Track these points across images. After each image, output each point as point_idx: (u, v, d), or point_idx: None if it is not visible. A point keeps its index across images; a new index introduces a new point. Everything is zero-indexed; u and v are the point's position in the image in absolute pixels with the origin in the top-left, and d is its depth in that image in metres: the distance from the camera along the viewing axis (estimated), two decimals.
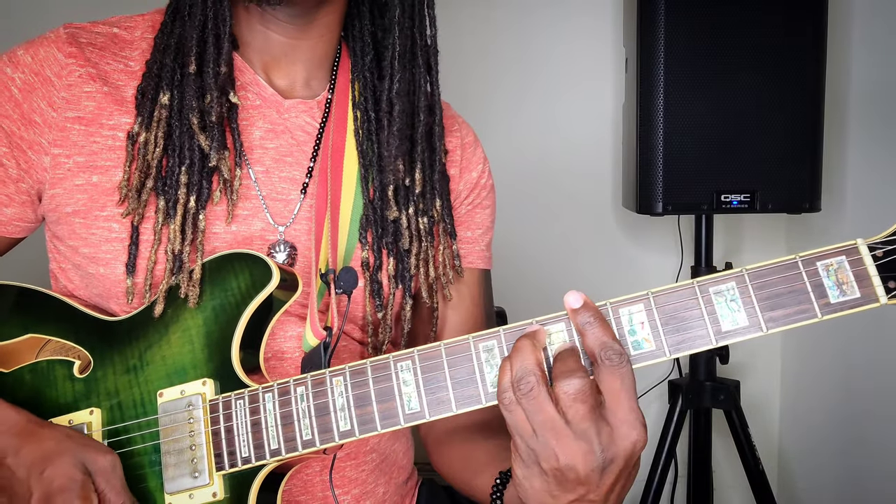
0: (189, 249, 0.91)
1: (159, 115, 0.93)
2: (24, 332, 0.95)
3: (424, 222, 1.02)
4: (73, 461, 0.83)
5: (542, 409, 0.71)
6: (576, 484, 0.72)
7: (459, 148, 1.11)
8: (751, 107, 1.88)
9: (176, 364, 0.89)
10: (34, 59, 0.93)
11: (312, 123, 1.01)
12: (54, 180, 0.93)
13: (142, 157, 0.92)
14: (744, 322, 0.72)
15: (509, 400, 0.72)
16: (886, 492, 1.99)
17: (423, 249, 1.02)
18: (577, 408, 0.70)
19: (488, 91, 2.49)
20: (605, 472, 0.71)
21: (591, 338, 0.72)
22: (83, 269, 0.95)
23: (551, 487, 0.73)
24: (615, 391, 0.71)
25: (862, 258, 0.70)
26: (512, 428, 0.73)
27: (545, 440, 0.71)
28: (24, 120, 0.92)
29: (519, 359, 0.72)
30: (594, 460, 0.71)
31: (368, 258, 1.00)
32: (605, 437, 0.71)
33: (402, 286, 1.02)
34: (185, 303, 0.89)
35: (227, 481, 0.85)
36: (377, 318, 1.01)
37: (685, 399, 2.07)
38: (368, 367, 0.80)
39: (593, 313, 0.73)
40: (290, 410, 0.82)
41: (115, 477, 0.84)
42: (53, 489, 0.80)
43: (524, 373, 0.71)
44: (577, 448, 0.70)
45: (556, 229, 2.55)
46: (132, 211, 0.92)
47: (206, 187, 0.93)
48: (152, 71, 0.94)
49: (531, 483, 0.74)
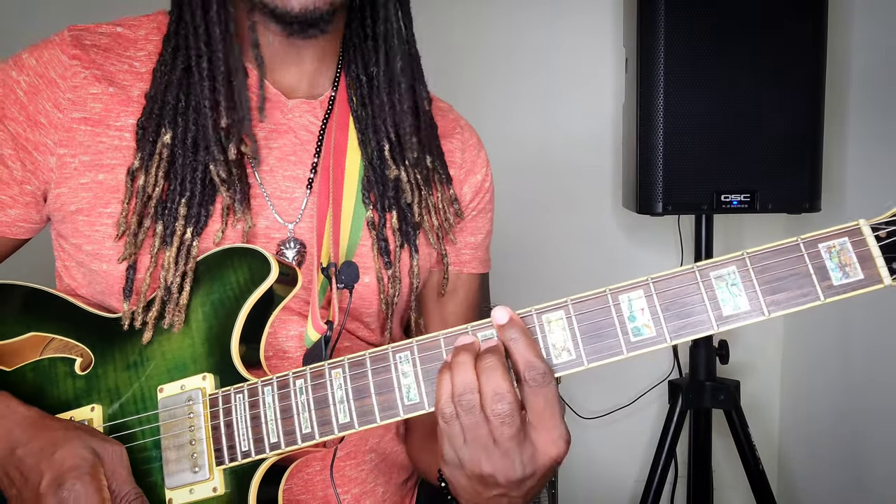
0: (180, 280, 0.91)
1: (160, 155, 0.93)
2: (27, 330, 0.95)
3: (419, 176, 1.03)
4: (82, 444, 0.83)
5: (479, 426, 0.73)
6: (496, 486, 0.76)
7: (461, 150, 1.11)
8: (751, 107, 1.88)
9: (176, 359, 0.89)
10: (38, 62, 0.94)
11: (315, 122, 1.01)
12: (60, 180, 0.94)
13: (140, 198, 0.92)
14: (745, 306, 0.71)
15: (450, 413, 0.74)
16: (887, 492, 1.99)
17: (423, 198, 1.03)
18: (503, 430, 0.73)
19: (485, 90, 2.49)
20: (524, 482, 0.76)
21: (516, 355, 0.74)
22: (86, 266, 0.95)
23: (475, 486, 0.78)
24: (539, 410, 0.74)
25: (865, 239, 0.69)
26: (445, 436, 0.76)
27: (473, 452, 0.75)
28: (29, 121, 0.93)
29: (460, 373, 0.74)
30: (515, 475, 0.75)
31: (374, 218, 1.01)
32: (528, 455, 0.75)
33: (407, 243, 1.02)
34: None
35: (227, 475, 0.85)
36: (387, 276, 1.02)
37: (685, 399, 2.07)
38: (367, 358, 0.80)
39: (519, 329, 0.75)
40: (289, 404, 0.82)
41: (122, 467, 0.84)
42: (64, 469, 0.80)
43: (465, 389, 0.73)
44: (500, 463, 0.74)
45: (556, 229, 2.55)
46: (128, 256, 0.92)
47: (203, 216, 0.94)
48: (153, 109, 0.94)
49: (458, 481, 0.79)
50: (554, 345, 0.76)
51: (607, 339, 0.74)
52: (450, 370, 0.75)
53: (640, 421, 2.60)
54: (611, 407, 2.61)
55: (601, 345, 0.74)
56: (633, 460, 2.61)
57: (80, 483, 0.79)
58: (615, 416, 2.61)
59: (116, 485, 0.83)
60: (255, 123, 0.97)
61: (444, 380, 0.75)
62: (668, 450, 2.06)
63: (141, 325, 0.91)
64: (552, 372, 0.74)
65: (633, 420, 2.59)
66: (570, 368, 0.75)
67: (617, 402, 2.61)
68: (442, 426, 0.75)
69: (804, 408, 2.47)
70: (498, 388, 0.72)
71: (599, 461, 2.64)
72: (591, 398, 2.61)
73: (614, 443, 2.64)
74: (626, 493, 2.64)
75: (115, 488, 0.83)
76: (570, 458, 2.73)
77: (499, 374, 0.73)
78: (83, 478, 0.79)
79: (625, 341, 0.74)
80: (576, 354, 0.75)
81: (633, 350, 0.74)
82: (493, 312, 0.75)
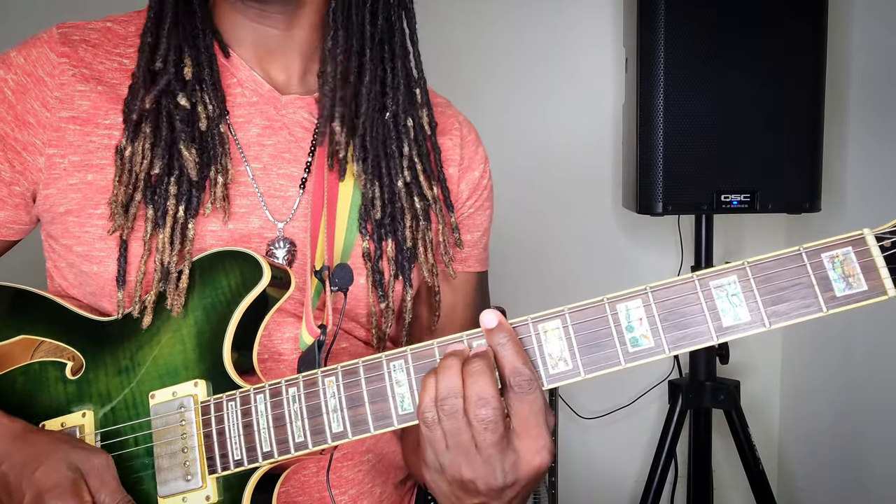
0: (177, 259, 0.90)
1: (145, 129, 0.92)
2: (17, 333, 0.94)
3: (421, 204, 1.01)
4: (64, 460, 0.82)
5: (461, 432, 0.73)
6: (476, 493, 0.76)
7: (459, 147, 1.10)
8: (751, 107, 1.89)
9: (168, 365, 0.88)
10: (27, 60, 0.93)
11: (311, 119, 1.00)
12: (49, 180, 0.93)
13: (128, 170, 0.91)
14: (746, 317, 0.70)
15: (432, 418, 0.74)
16: (887, 492, 1.99)
17: (420, 227, 1.01)
18: (486, 436, 0.72)
19: (485, 90, 2.49)
20: (505, 491, 0.75)
21: (502, 360, 0.73)
22: (77, 267, 0.94)
23: (455, 492, 0.77)
24: (523, 417, 0.73)
25: (869, 249, 0.67)
26: (426, 441, 0.75)
27: (454, 457, 0.74)
28: (17, 121, 0.92)
29: (445, 378, 0.73)
30: (495, 482, 0.74)
31: (369, 248, 0.99)
32: (510, 463, 0.74)
33: (402, 276, 1.01)
34: None
35: (220, 484, 0.84)
36: (380, 309, 1.00)
37: (685, 399, 2.08)
38: (361, 367, 0.79)
39: (507, 334, 0.74)
40: (281, 412, 0.81)
41: (109, 476, 0.83)
42: (44, 488, 0.80)
43: (448, 393, 0.72)
44: (481, 470, 0.74)
45: (555, 229, 2.55)
46: (118, 227, 0.91)
47: (195, 196, 0.92)
48: (137, 87, 0.93)
49: (438, 486, 0.78)
50: (550, 354, 0.74)
51: (605, 350, 0.73)
52: (435, 374, 0.74)
53: (640, 421, 2.60)
54: (611, 407, 2.61)
55: (598, 355, 0.73)
56: (633, 460, 2.61)
57: (61, 502, 0.79)
58: (615, 416, 2.61)
59: (106, 495, 0.82)
60: (230, 96, 0.97)
61: (428, 384, 0.74)
62: (668, 450, 2.06)
63: (139, 313, 0.90)
64: (538, 379, 0.73)
65: (633, 420, 2.59)
66: (567, 379, 0.74)
67: (617, 402, 2.61)
68: (424, 431, 0.75)
69: (804, 408, 2.47)
70: (482, 393, 0.71)
71: (599, 461, 2.64)
72: (591, 398, 2.61)
73: (614, 443, 2.64)
74: (626, 493, 2.64)
75: (105, 499, 0.82)
76: (570, 458, 2.75)
77: (484, 379, 0.72)
78: (64, 496, 0.79)
79: (623, 352, 0.72)
80: (573, 365, 0.74)
81: (632, 361, 0.72)
82: (482, 316, 0.75)
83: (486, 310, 0.75)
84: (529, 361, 0.74)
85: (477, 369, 0.72)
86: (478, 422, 0.72)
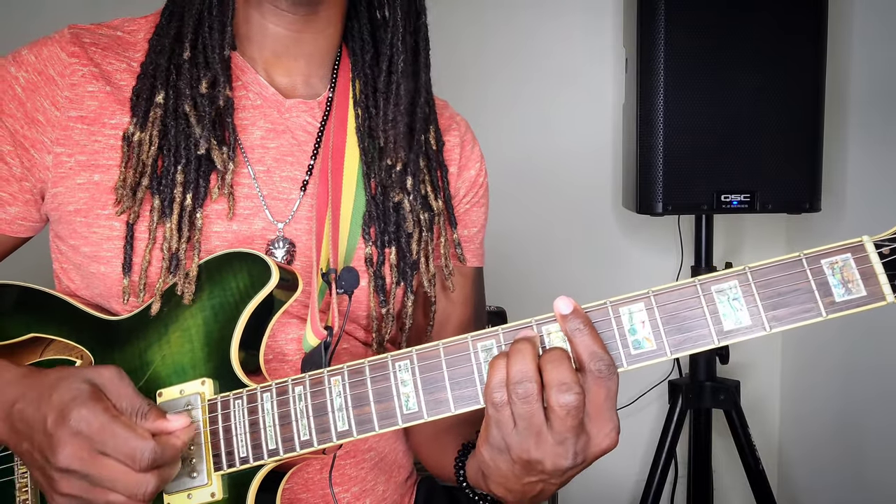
0: (186, 247, 0.91)
1: (154, 115, 0.93)
2: (27, 331, 0.95)
3: (426, 217, 1.02)
4: (77, 378, 0.81)
5: (533, 415, 0.73)
6: (541, 472, 0.76)
7: (458, 146, 1.11)
8: (751, 107, 1.89)
9: (175, 363, 0.88)
10: (38, 59, 0.94)
11: (313, 123, 1.01)
12: (56, 179, 0.93)
13: (136, 156, 0.92)
14: (746, 321, 0.71)
15: (500, 399, 0.74)
16: (887, 492, 1.99)
17: (423, 239, 1.02)
18: (566, 420, 0.73)
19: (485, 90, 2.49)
20: (569, 470, 0.76)
21: (580, 346, 0.74)
22: (84, 268, 0.95)
23: (516, 471, 0.77)
24: (599, 401, 0.74)
25: (868, 255, 0.69)
26: (492, 421, 0.75)
27: (524, 438, 0.74)
28: (27, 118, 0.93)
29: (519, 361, 0.73)
30: (564, 463, 0.75)
31: (372, 254, 1.00)
32: (582, 444, 0.75)
33: (403, 282, 1.02)
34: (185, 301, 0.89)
35: (225, 481, 0.84)
36: (381, 313, 1.01)
37: (685, 399, 2.08)
38: (366, 366, 0.80)
39: (583, 320, 0.74)
40: (287, 410, 0.82)
41: (124, 385, 0.81)
42: (64, 402, 0.78)
43: (523, 377, 0.73)
44: (552, 451, 0.74)
45: (555, 229, 2.55)
46: (127, 209, 0.92)
47: (202, 185, 0.93)
48: (147, 71, 0.95)
49: (497, 464, 0.78)
50: None
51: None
52: (506, 357, 0.74)
53: (640, 421, 2.59)
54: None
55: None
56: (633, 460, 2.61)
57: (85, 408, 0.77)
58: None
59: (126, 402, 0.80)
60: (238, 103, 0.98)
61: (498, 366, 0.74)
62: (668, 450, 2.06)
63: (144, 304, 0.90)
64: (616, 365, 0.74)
65: (633, 420, 2.58)
66: None
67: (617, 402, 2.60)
68: (490, 411, 0.75)
69: (804, 408, 2.47)
70: (565, 378, 0.72)
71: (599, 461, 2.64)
72: None
73: None
74: (626, 493, 2.64)
75: (126, 405, 0.80)
76: None
77: (566, 365, 0.73)
78: (86, 403, 0.77)
79: (625, 354, 0.74)
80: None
81: (634, 363, 0.74)
82: (555, 303, 0.75)
83: (561, 296, 0.75)
84: (605, 347, 0.74)
85: (557, 356, 0.73)
86: (559, 407, 0.72)
